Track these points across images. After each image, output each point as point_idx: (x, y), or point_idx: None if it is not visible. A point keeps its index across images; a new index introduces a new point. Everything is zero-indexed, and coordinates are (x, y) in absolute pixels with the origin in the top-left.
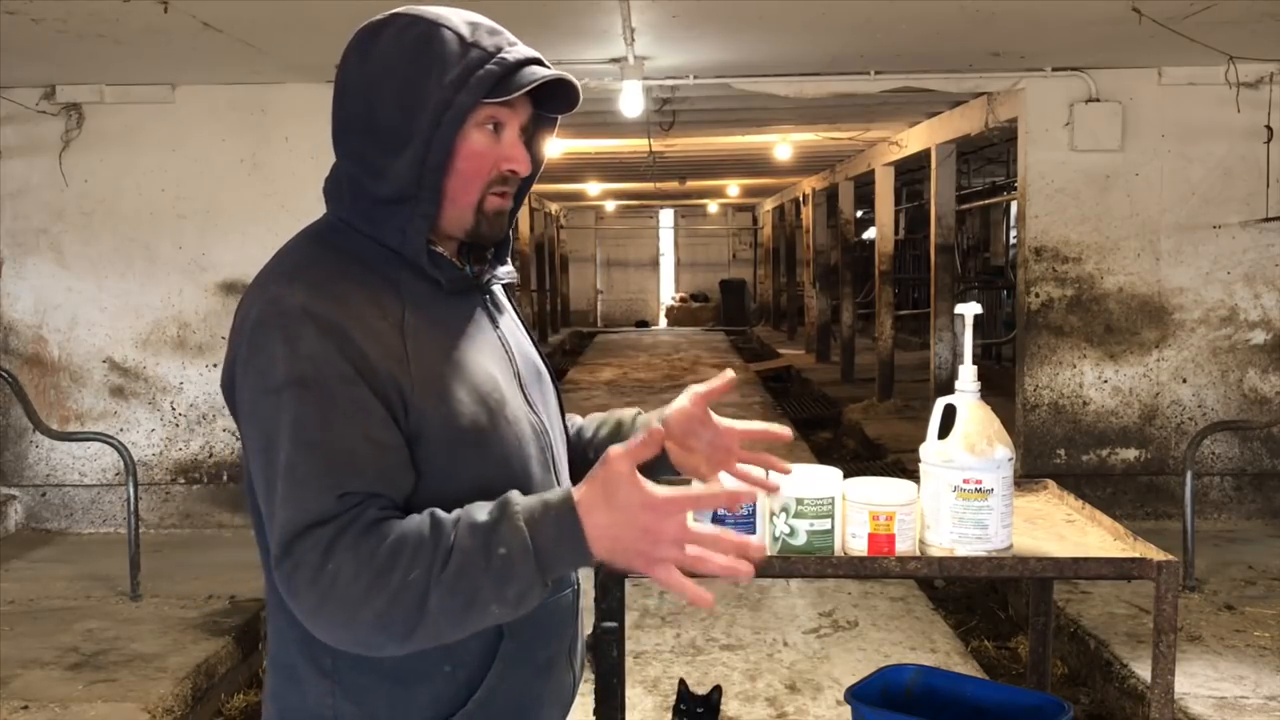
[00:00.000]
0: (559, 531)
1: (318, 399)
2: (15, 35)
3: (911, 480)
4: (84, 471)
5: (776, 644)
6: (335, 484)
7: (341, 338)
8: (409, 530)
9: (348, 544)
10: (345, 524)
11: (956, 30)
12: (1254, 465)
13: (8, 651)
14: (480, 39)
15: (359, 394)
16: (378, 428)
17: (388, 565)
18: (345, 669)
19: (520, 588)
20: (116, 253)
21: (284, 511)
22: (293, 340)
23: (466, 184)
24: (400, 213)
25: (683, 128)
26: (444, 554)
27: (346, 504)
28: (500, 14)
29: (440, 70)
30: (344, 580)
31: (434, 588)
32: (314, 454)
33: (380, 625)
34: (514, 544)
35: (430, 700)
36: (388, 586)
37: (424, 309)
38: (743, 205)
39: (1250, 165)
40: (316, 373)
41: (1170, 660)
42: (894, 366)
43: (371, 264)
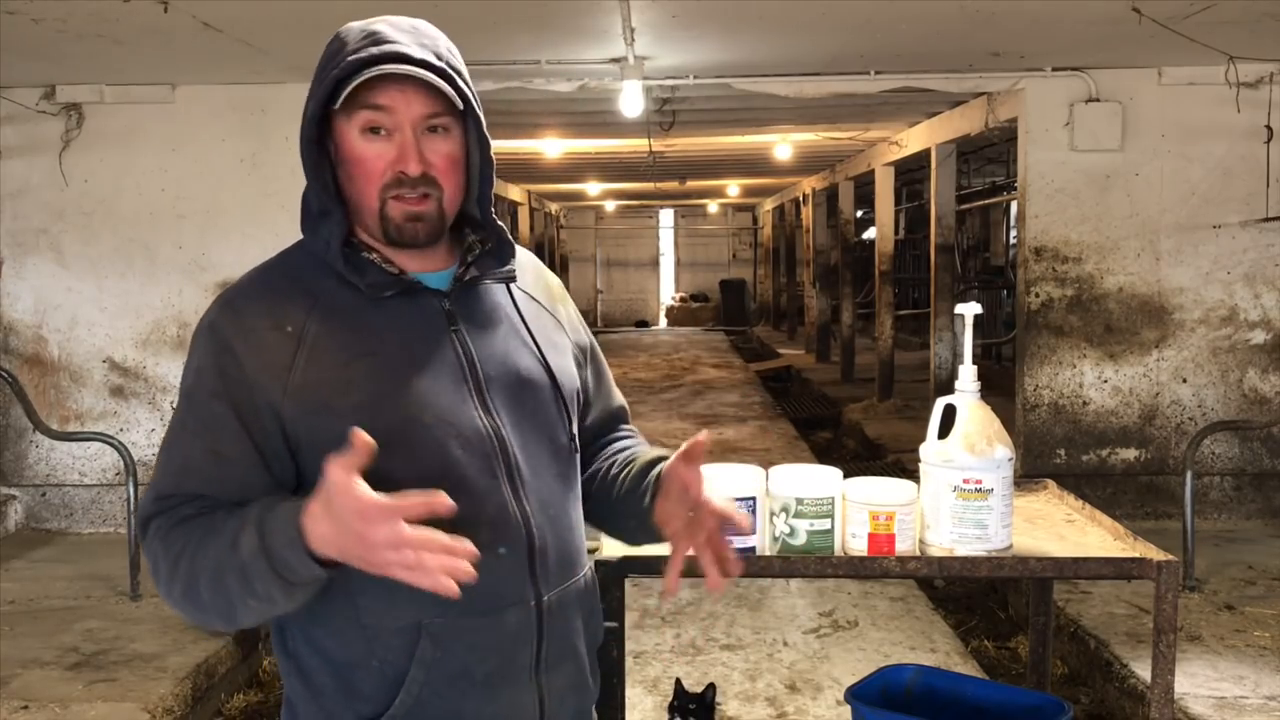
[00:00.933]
0: (286, 537)
1: (185, 409)
2: (15, 35)
3: (911, 480)
4: (84, 471)
5: (776, 644)
6: (160, 488)
7: (223, 351)
8: (199, 526)
9: (161, 534)
10: (165, 520)
11: (956, 30)
12: (1254, 465)
13: (8, 651)
14: (355, 45)
15: (217, 409)
16: (227, 442)
17: (178, 556)
18: (301, 652)
19: (263, 586)
20: (116, 253)
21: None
22: (191, 353)
23: (362, 191)
24: (325, 224)
25: (683, 128)
26: (208, 551)
27: (164, 505)
28: (501, 14)
29: (315, 82)
30: (158, 563)
31: (202, 579)
32: (162, 456)
33: (184, 604)
34: (248, 547)
35: (370, 692)
36: (179, 571)
37: (344, 316)
38: (743, 205)
39: (1250, 165)
40: (194, 385)
41: (1170, 660)
42: (894, 366)
43: (300, 276)
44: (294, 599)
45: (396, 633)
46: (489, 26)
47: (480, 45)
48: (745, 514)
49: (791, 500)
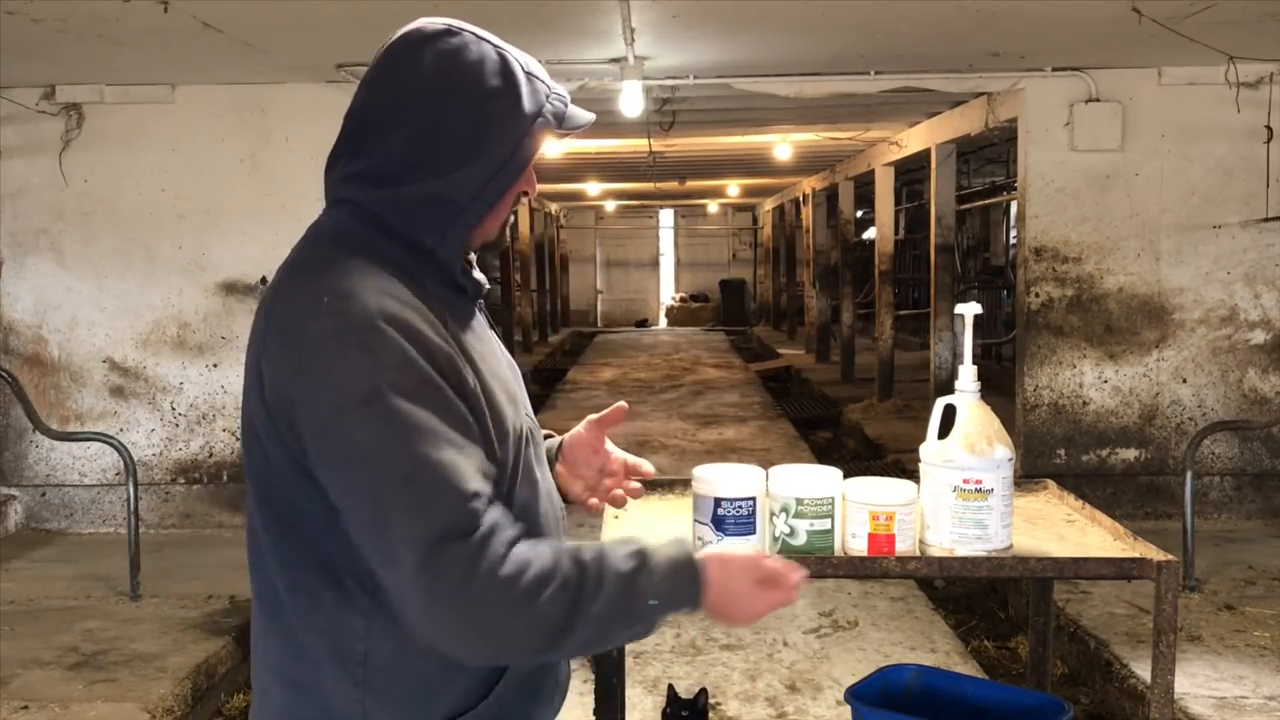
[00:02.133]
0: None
1: (416, 406)
2: (15, 35)
3: (911, 480)
4: (84, 471)
5: (776, 644)
6: (458, 490)
7: (421, 342)
8: (550, 562)
9: (493, 565)
10: (483, 540)
11: (956, 30)
12: (1254, 465)
13: (8, 651)
14: (534, 71)
15: (446, 398)
16: (467, 429)
17: (533, 593)
18: (378, 678)
19: (642, 630)
20: (116, 253)
21: (411, 521)
22: (374, 351)
23: (510, 202)
24: (444, 215)
25: (683, 128)
26: (591, 592)
27: (474, 512)
28: (501, 14)
29: (515, 96)
30: (491, 600)
31: (578, 623)
32: (427, 461)
33: (512, 642)
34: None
35: (449, 702)
36: (533, 612)
37: (459, 320)
38: (743, 205)
39: (1250, 165)
40: (407, 380)
41: (1170, 660)
42: (894, 366)
43: (403, 270)
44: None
45: None
46: (488, 26)
47: None
48: (649, 466)
49: (791, 500)
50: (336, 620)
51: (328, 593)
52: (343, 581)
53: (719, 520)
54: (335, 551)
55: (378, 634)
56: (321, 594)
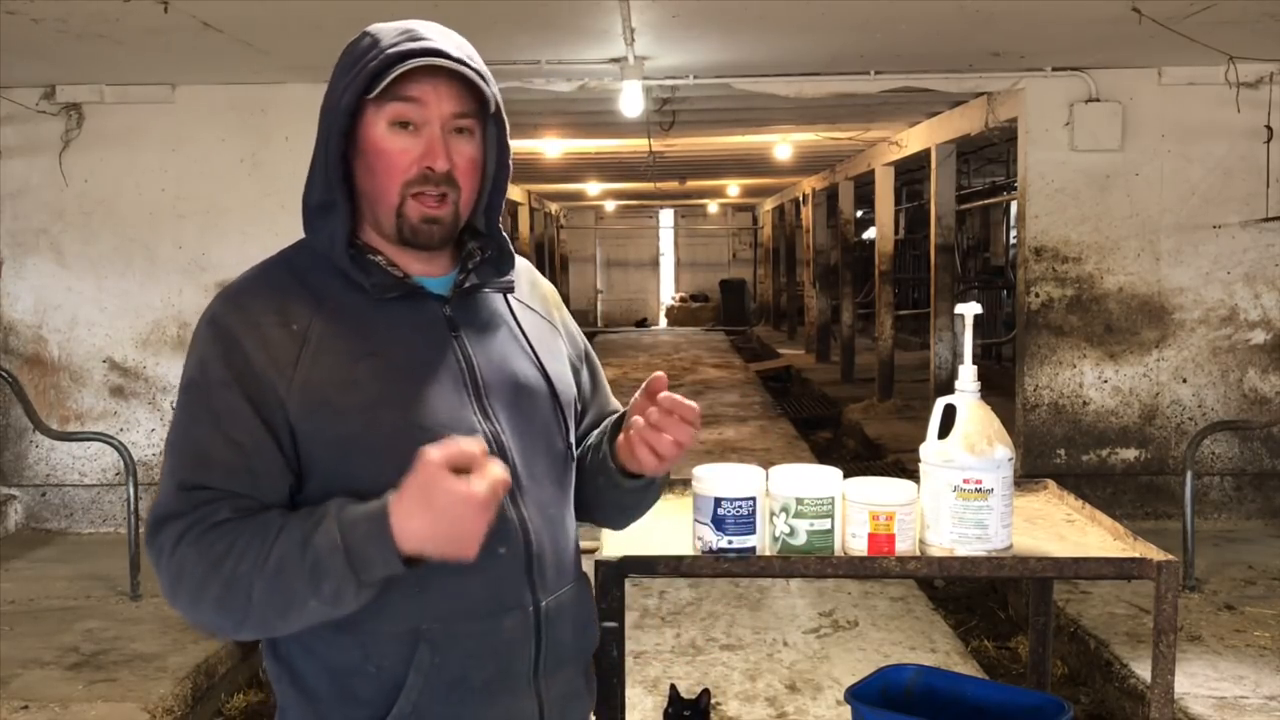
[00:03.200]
0: (369, 532)
1: (193, 400)
2: (15, 35)
3: (911, 480)
4: (84, 471)
5: (776, 644)
6: (181, 480)
7: (229, 344)
8: (246, 527)
9: (193, 538)
10: (194, 520)
11: (956, 30)
12: (1254, 465)
13: (8, 651)
14: (391, 40)
15: (230, 398)
16: (242, 430)
17: (221, 556)
18: (294, 656)
19: (334, 584)
20: (116, 253)
21: (156, 498)
22: (194, 347)
23: (381, 185)
24: (329, 219)
25: (683, 128)
26: (268, 549)
27: (193, 500)
28: (501, 14)
29: (341, 73)
30: (187, 567)
31: (256, 580)
32: (174, 451)
33: (219, 609)
34: (325, 543)
35: (367, 697)
36: (220, 574)
37: (347, 318)
38: (743, 205)
39: (1250, 165)
40: (201, 376)
41: (1170, 660)
42: (894, 366)
43: (304, 276)
44: (359, 598)
45: (393, 638)
46: (489, 26)
47: (480, 45)
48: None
49: (791, 500)
50: None
51: None
52: None
53: (719, 520)
54: None
55: None
56: None
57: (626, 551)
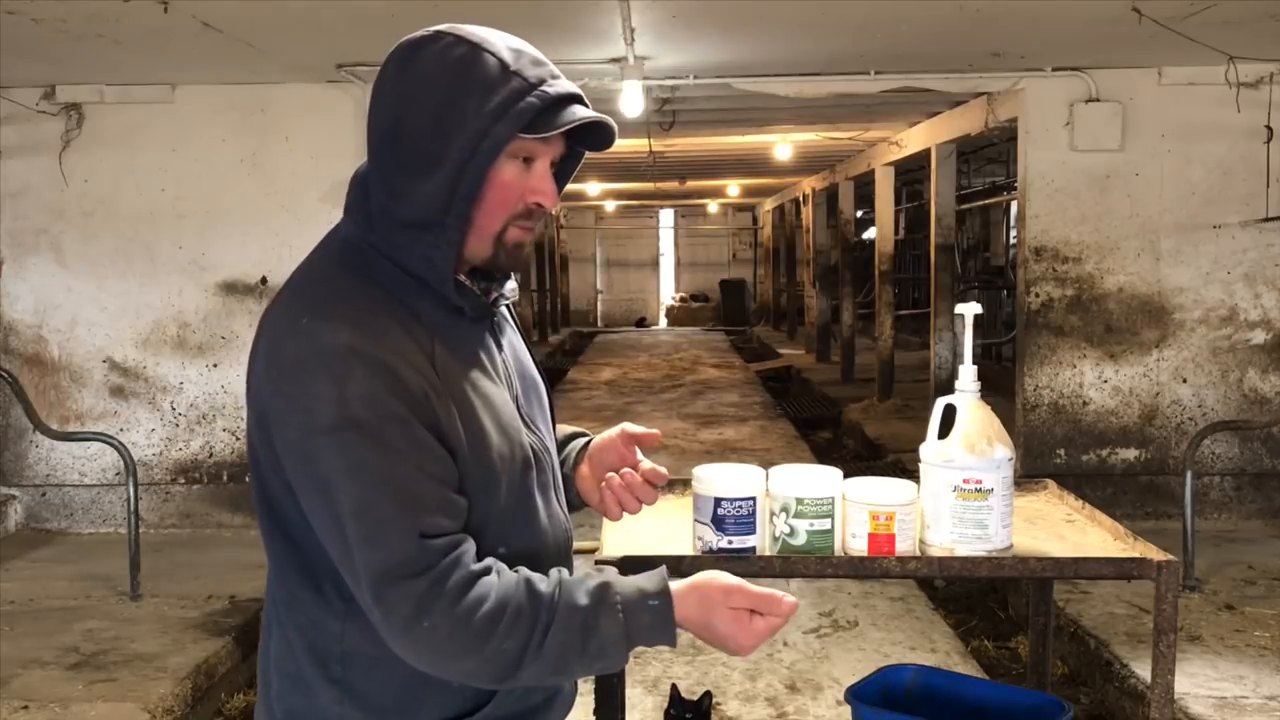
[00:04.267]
0: (653, 626)
1: (374, 440)
2: (15, 35)
3: (911, 480)
4: (84, 471)
5: (776, 644)
6: (412, 525)
7: (388, 376)
8: (505, 598)
9: (444, 606)
10: (438, 578)
11: (956, 30)
12: (1254, 465)
13: (8, 651)
14: (523, 68)
15: (413, 432)
16: (434, 463)
17: (484, 632)
18: (355, 678)
19: (607, 664)
20: (116, 253)
21: (364, 554)
22: (340, 381)
23: (491, 214)
24: (425, 239)
25: (683, 128)
26: (542, 631)
27: (431, 550)
28: (500, 14)
29: (480, 96)
30: (440, 638)
31: (528, 661)
32: (381, 496)
33: (467, 675)
34: (611, 635)
35: (437, 706)
36: (481, 652)
37: (447, 339)
38: (743, 205)
39: (1250, 165)
40: (369, 413)
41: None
42: (894, 366)
43: (398, 293)
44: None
45: None
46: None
47: None
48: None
49: (791, 500)
50: (315, 620)
51: (307, 593)
52: (321, 585)
53: (719, 520)
54: (315, 556)
55: (353, 637)
56: (301, 594)
57: (626, 551)
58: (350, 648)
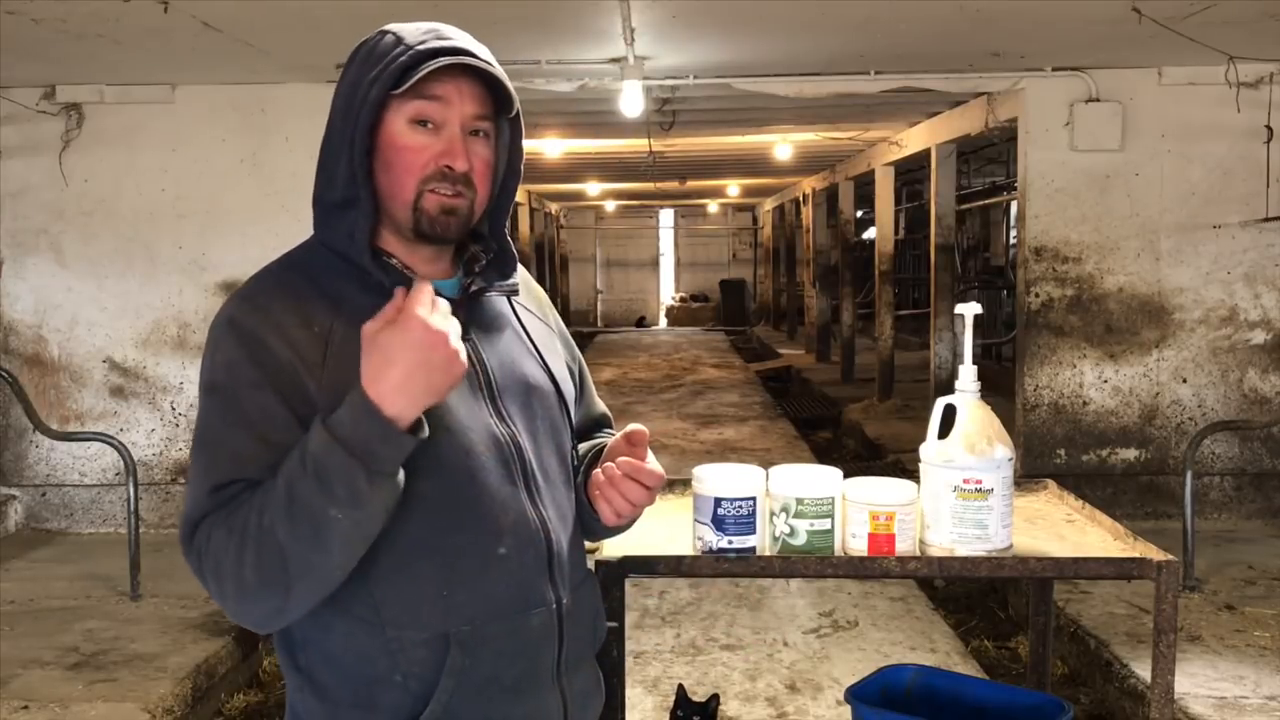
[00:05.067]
0: (352, 413)
1: (221, 402)
2: (15, 35)
3: (911, 480)
4: (84, 471)
5: (776, 644)
6: (214, 480)
7: (255, 345)
8: (258, 489)
9: (219, 522)
10: (222, 511)
11: (956, 30)
12: (1254, 465)
13: (8, 651)
14: (417, 38)
15: (262, 398)
16: (277, 430)
17: (244, 521)
18: (314, 667)
19: (344, 481)
20: (116, 253)
21: (184, 506)
22: (215, 349)
23: (398, 180)
24: (347, 216)
25: (683, 128)
26: (280, 494)
27: (224, 495)
28: (500, 14)
29: (368, 69)
30: (221, 552)
31: (277, 521)
32: (205, 452)
33: (262, 581)
34: (319, 446)
35: (390, 706)
36: (249, 538)
37: (364, 319)
38: (743, 205)
39: (1250, 165)
40: (227, 378)
41: (1170, 660)
42: (894, 366)
43: (320, 279)
44: (378, 491)
45: (423, 644)
46: (489, 26)
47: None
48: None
49: (791, 500)
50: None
51: None
52: None
53: (719, 520)
54: None
55: (307, 624)
56: None
57: (627, 551)
58: (305, 635)
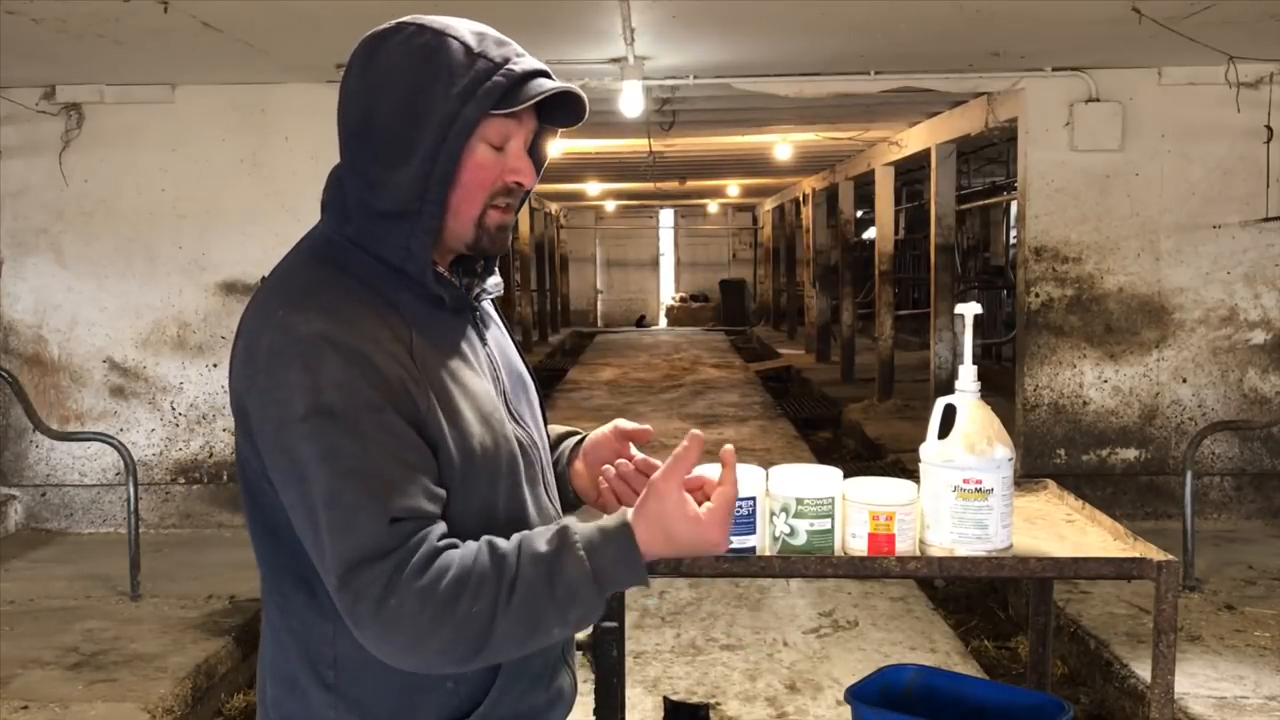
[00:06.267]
0: (618, 559)
1: (349, 428)
2: (15, 35)
3: (911, 480)
4: (84, 471)
5: (776, 644)
6: (382, 511)
7: (363, 364)
8: (469, 562)
9: (409, 579)
10: (404, 557)
11: (956, 30)
12: (1254, 465)
13: (8, 651)
14: (487, 49)
15: (388, 419)
16: (410, 451)
17: (451, 599)
18: (348, 682)
19: (582, 611)
20: (116, 253)
21: (335, 542)
22: (314, 369)
23: (469, 197)
24: (401, 228)
25: (683, 128)
26: (508, 585)
27: (400, 533)
28: (500, 14)
29: (446, 81)
30: (408, 614)
31: (500, 618)
32: (354, 482)
33: (444, 652)
34: (575, 574)
35: (432, 711)
36: (453, 619)
37: (426, 330)
38: (743, 205)
39: (1250, 165)
40: (343, 401)
41: (1170, 660)
42: (894, 366)
43: (374, 284)
44: (589, 624)
45: None
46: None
47: None
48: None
49: (791, 500)
50: (308, 624)
51: (300, 596)
52: (313, 587)
53: None
54: (305, 557)
55: (346, 640)
56: (294, 597)
57: None
58: (343, 651)
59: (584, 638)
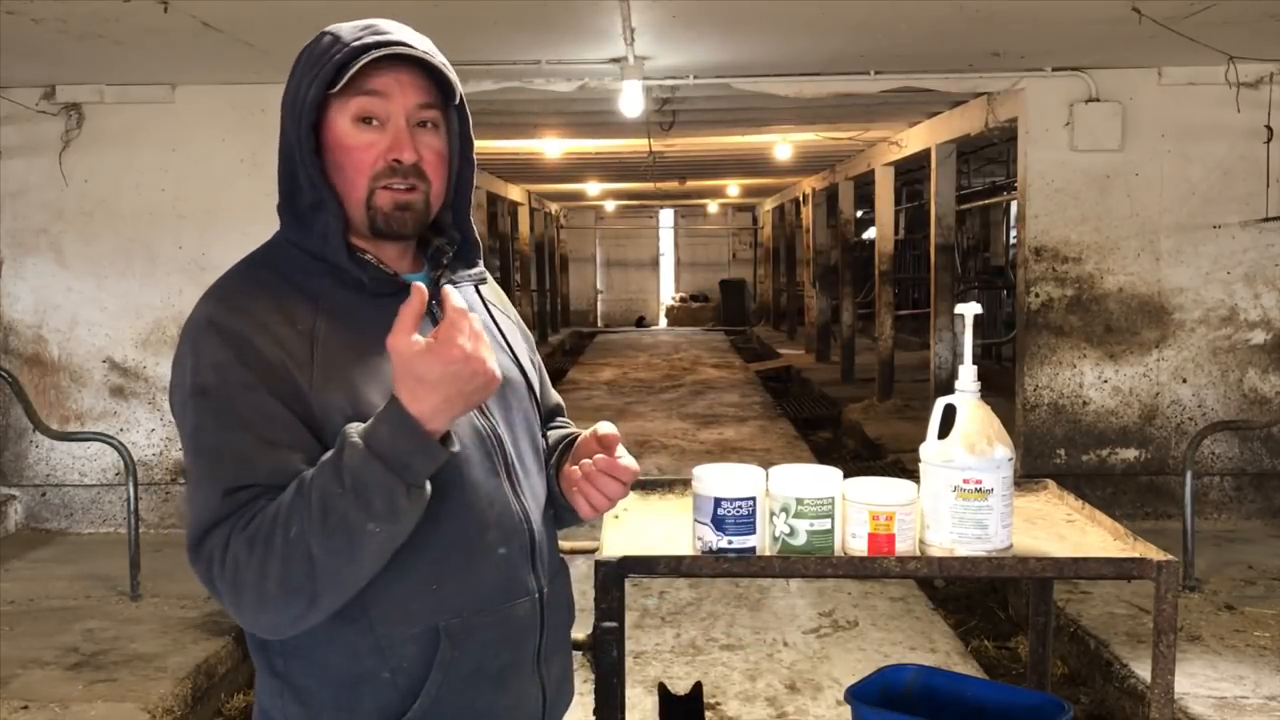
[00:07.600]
0: (390, 429)
1: (216, 406)
2: (15, 35)
3: (911, 480)
4: (84, 471)
5: (776, 644)
6: (223, 484)
7: (241, 345)
8: (282, 499)
9: (236, 534)
10: (237, 521)
11: (956, 30)
12: (1254, 465)
13: (8, 651)
14: (353, 35)
15: (258, 399)
16: (278, 430)
17: (268, 534)
18: (295, 671)
19: (383, 496)
20: (116, 252)
21: (189, 513)
22: (198, 351)
23: (349, 180)
24: (320, 219)
25: (683, 128)
26: (307, 502)
27: (236, 501)
28: (501, 14)
29: (303, 72)
30: (241, 563)
31: (311, 535)
32: (208, 458)
33: (287, 591)
34: (356, 460)
35: (375, 706)
36: (274, 550)
37: (345, 316)
38: (743, 205)
39: (1250, 165)
40: (217, 380)
41: (1170, 660)
42: (894, 366)
43: (294, 276)
44: (414, 504)
45: (413, 639)
46: (489, 26)
47: (480, 45)
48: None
49: (791, 500)
50: None
51: None
52: None
53: (719, 520)
54: None
55: (295, 637)
56: None
57: (626, 551)
58: (290, 640)
59: (584, 638)
